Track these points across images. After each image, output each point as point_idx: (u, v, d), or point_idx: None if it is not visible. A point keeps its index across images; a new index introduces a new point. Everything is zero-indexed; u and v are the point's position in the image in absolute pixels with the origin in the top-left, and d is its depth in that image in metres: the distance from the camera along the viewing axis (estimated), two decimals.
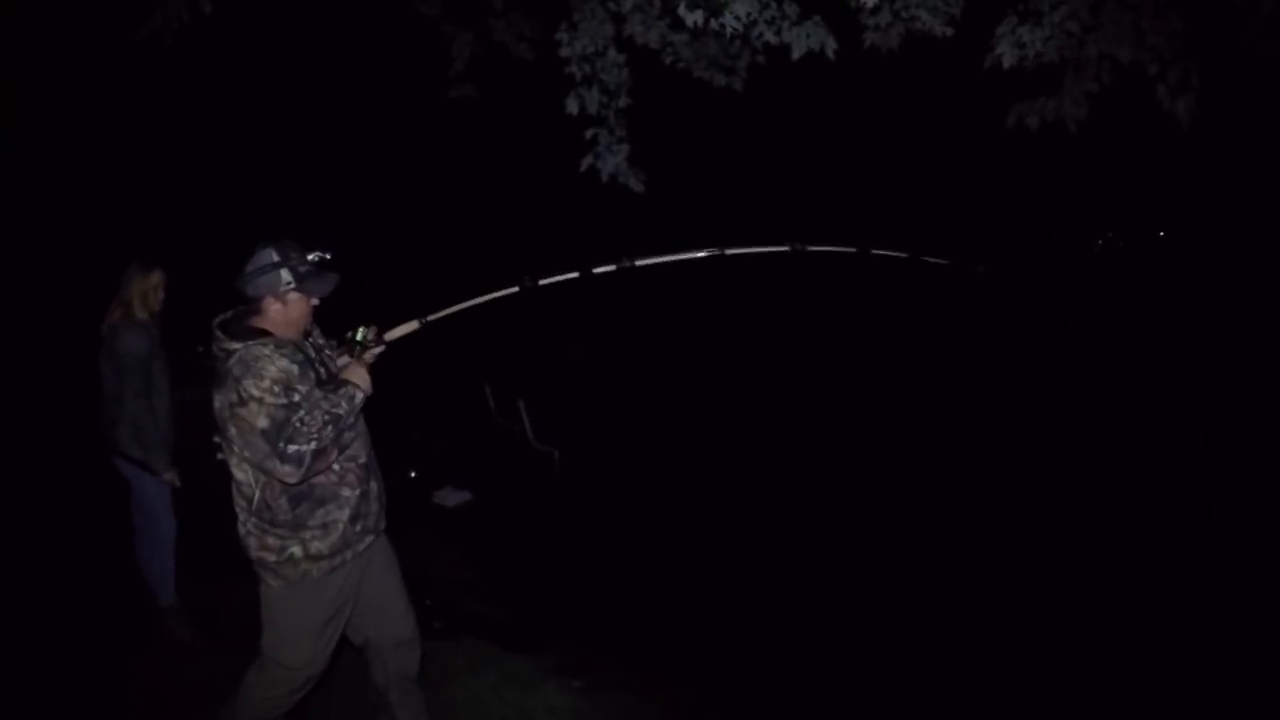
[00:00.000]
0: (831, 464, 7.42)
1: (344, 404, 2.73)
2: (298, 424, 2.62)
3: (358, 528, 2.90)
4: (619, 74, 4.35)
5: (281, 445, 2.59)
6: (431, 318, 2.88)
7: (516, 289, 2.82)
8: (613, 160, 4.38)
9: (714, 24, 3.76)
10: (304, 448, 2.61)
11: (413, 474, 6.44)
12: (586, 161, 4.49)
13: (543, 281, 2.84)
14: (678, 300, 11.44)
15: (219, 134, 9.28)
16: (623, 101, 4.39)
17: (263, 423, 2.59)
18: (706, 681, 4.22)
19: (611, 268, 2.82)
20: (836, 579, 5.35)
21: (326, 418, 2.67)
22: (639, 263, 2.82)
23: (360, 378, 2.83)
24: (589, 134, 4.44)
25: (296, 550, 2.79)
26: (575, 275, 2.84)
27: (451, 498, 6.30)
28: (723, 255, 2.95)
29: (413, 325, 2.93)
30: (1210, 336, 11.26)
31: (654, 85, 4.61)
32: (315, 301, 2.89)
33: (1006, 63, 3.73)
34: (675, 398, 8.91)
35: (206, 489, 3.45)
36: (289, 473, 2.62)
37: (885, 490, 6.79)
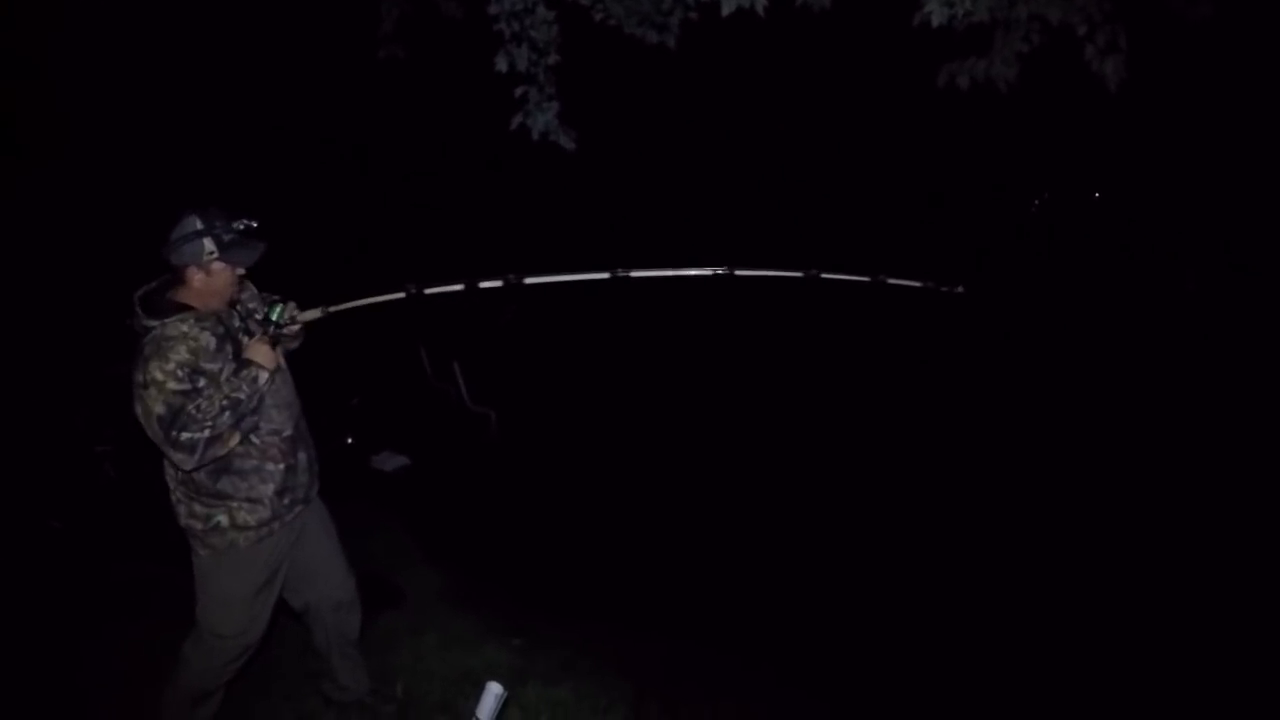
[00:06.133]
0: (766, 419, 7.51)
1: (245, 387, 2.66)
2: (193, 411, 2.57)
3: (285, 500, 2.88)
4: (548, 31, 4.28)
5: (175, 433, 2.54)
6: (333, 309, 2.83)
7: (403, 295, 2.78)
8: (543, 118, 4.34)
9: None
10: (196, 435, 2.55)
11: (350, 439, 6.39)
12: (517, 120, 4.44)
13: (428, 291, 2.79)
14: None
15: (158, 102, 8.98)
16: (552, 59, 4.34)
17: (159, 409, 2.54)
18: (642, 635, 4.29)
19: (498, 283, 2.74)
20: (769, 532, 5.45)
21: (225, 403, 2.61)
22: (527, 280, 2.72)
23: (263, 356, 2.73)
24: (518, 92, 4.39)
25: (223, 519, 2.77)
26: (460, 288, 2.78)
27: (389, 462, 6.27)
28: (625, 278, 2.84)
29: (316, 313, 2.85)
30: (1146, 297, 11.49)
31: (585, 43, 4.55)
32: (241, 271, 2.82)
33: (935, 21, 3.72)
34: (610, 356, 8.92)
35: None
36: (182, 460, 2.58)
37: (821, 443, 6.90)
